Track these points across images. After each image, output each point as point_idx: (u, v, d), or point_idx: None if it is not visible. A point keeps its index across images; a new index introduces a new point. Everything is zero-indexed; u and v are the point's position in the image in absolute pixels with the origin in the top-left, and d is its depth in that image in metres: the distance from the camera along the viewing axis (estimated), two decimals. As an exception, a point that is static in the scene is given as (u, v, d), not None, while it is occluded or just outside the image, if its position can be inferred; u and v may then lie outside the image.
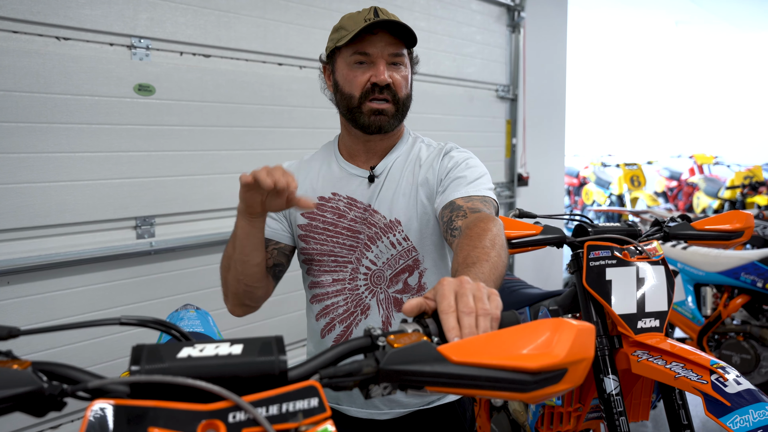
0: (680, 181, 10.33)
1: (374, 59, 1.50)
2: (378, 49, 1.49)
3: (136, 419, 0.71)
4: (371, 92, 1.51)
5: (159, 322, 0.95)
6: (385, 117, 1.53)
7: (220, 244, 2.83)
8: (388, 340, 0.88)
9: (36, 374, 0.77)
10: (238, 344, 0.81)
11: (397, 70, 1.53)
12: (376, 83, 1.50)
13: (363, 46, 1.49)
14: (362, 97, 1.52)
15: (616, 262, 1.90)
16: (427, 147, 1.67)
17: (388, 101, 1.52)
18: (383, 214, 1.58)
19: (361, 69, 1.51)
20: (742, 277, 3.30)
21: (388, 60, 1.51)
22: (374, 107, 1.52)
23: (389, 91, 1.51)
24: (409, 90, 1.58)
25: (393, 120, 1.55)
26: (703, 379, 1.62)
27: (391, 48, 1.50)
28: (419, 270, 1.60)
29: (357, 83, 1.51)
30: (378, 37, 1.48)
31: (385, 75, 1.49)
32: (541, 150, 5.15)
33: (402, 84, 1.53)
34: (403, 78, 1.53)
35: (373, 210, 1.59)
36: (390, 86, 1.51)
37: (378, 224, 1.58)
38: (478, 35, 4.36)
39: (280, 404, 0.75)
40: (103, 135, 2.42)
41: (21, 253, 2.24)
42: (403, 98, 1.55)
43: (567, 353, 0.82)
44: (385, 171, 1.62)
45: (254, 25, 2.90)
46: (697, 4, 9.30)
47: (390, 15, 1.50)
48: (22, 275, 2.25)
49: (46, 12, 2.23)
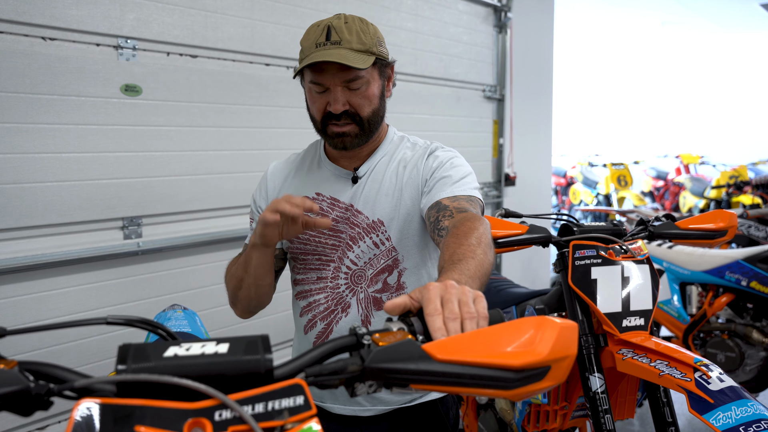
0: (667, 180, 10.40)
1: (329, 86, 1.48)
2: (330, 77, 1.46)
3: (123, 418, 0.71)
4: (329, 117, 1.51)
5: (146, 321, 0.95)
6: (349, 137, 1.53)
7: (207, 244, 2.84)
8: (373, 338, 0.89)
9: (22, 374, 0.77)
10: (224, 343, 0.82)
11: (356, 93, 1.50)
12: (332, 112, 1.50)
13: (316, 76, 1.48)
14: (323, 121, 1.53)
15: (601, 261, 1.92)
16: (412, 147, 1.68)
17: (349, 123, 1.52)
18: (366, 215, 1.60)
19: (319, 95, 1.51)
20: (726, 275, 3.33)
21: (343, 86, 1.48)
22: (336, 130, 1.52)
23: (347, 116, 1.51)
24: (376, 104, 1.55)
25: (357, 138, 1.55)
26: (687, 376, 1.64)
27: (344, 75, 1.46)
28: (398, 269, 1.62)
29: (316, 109, 1.53)
30: (330, 65, 1.44)
31: (338, 104, 1.47)
32: (528, 150, 5.17)
33: (363, 104, 1.51)
34: (363, 98, 1.51)
35: (355, 210, 1.61)
36: (348, 111, 1.50)
37: (361, 224, 1.60)
38: (465, 36, 4.38)
39: (266, 402, 0.76)
40: (90, 135, 2.41)
41: (7, 254, 2.23)
42: (367, 117, 1.53)
43: (550, 351, 0.84)
44: (368, 172, 1.64)
45: (241, 25, 2.90)
46: (683, 5, 9.38)
47: (343, 33, 1.45)
48: (9, 276, 2.24)
49: (31, 12, 2.22)
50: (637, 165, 10.59)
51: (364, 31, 1.48)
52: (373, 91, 1.53)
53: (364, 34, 1.48)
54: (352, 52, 1.44)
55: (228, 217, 2.94)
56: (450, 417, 1.76)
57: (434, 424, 1.72)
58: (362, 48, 1.46)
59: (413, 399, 1.67)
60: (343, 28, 1.45)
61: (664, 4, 9.42)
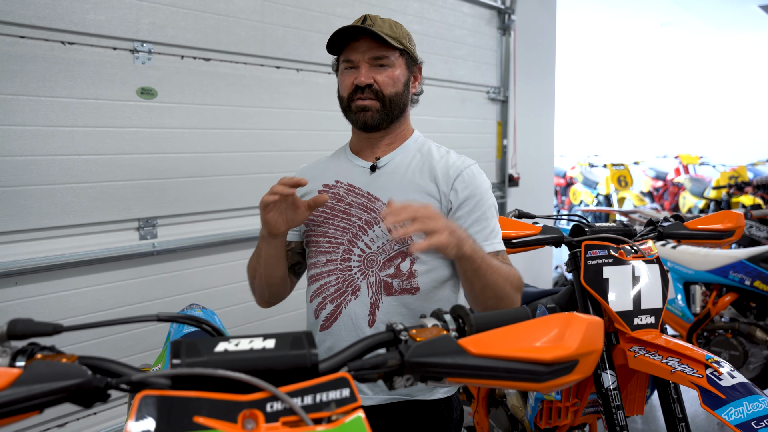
0: (666, 181, 10.45)
1: (358, 64, 1.64)
2: (359, 54, 1.63)
3: (182, 409, 0.75)
4: (355, 92, 1.64)
5: (193, 318, 1.00)
6: (370, 113, 1.65)
7: (220, 244, 2.88)
8: (410, 334, 0.93)
9: (83, 367, 0.81)
10: (270, 339, 0.86)
11: (382, 71, 1.64)
12: (358, 85, 1.63)
13: (348, 53, 1.65)
14: (349, 98, 1.66)
15: (612, 261, 1.96)
16: (437, 148, 1.75)
17: (372, 98, 1.64)
18: (384, 202, 1.66)
19: (349, 73, 1.66)
20: (730, 275, 3.38)
21: (371, 63, 1.63)
22: (359, 104, 1.65)
23: (371, 91, 1.63)
24: (400, 88, 1.67)
25: (378, 115, 1.65)
26: (699, 373, 1.69)
27: (373, 52, 1.62)
28: (412, 257, 1.66)
29: (345, 86, 1.67)
30: (360, 43, 1.62)
31: (364, 76, 1.62)
32: (531, 151, 5.21)
33: (387, 82, 1.64)
34: (388, 77, 1.64)
35: (373, 197, 1.67)
36: (372, 86, 1.63)
37: (378, 210, 1.66)
38: (469, 38, 4.42)
39: (314, 394, 0.80)
40: (107, 138, 2.45)
41: (28, 254, 2.27)
42: (389, 95, 1.65)
43: (578, 345, 0.88)
44: (389, 163, 1.72)
45: (252, 28, 2.94)
46: (682, 7, 9.42)
47: (377, 21, 1.62)
48: (29, 276, 2.28)
49: (52, 17, 2.26)
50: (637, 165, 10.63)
51: (396, 26, 1.66)
52: (398, 75, 1.66)
53: (396, 27, 1.65)
54: (384, 35, 1.59)
55: (240, 218, 2.98)
56: (454, 418, 1.76)
57: (437, 421, 1.73)
58: (392, 35, 1.62)
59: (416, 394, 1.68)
60: (378, 18, 1.63)
61: (663, 6, 9.47)
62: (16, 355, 0.85)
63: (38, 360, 0.81)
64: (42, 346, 0.88)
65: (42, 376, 0.78)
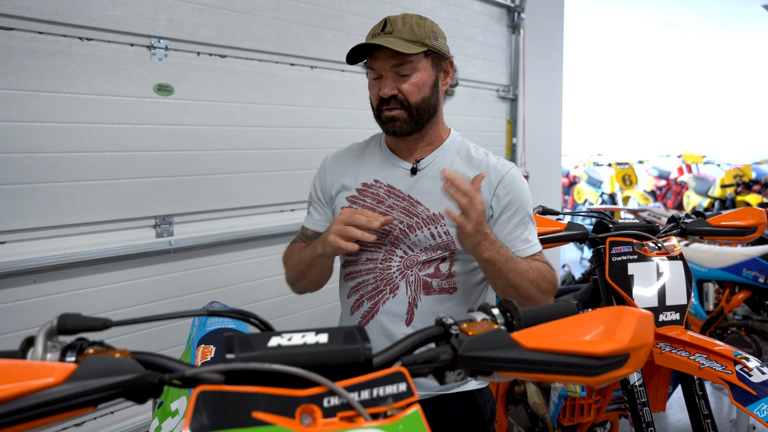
0: (669, 180, 10.45)
1: (381, 73, 1.60)
2: (381, 63, 1.59)
3: (240, 404, 0.74)
4: (382, 103, 1.62)
5: (241, 312, 0.98)
6: (398, 122, 1.62)
7: (236, 242, 2.87)
8: (461, 328, 0.92)
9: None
10: (323, 333, 0.85)
11: (406, 79, 1.59)
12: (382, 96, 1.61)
13: (371, 62, 1.62)
14: (378, 107, 1.65)
15: (637, 257, 1.96)
16: (475, 150, 1.74)
17: (399, 108, 1.61)
18: (426, 206, 1.64)
19: (375, 82, 1.64)
20: (743, 272, 3.37)
21: (394, 72, 1.59)
22: (387, 115, 1.63)
23: (397, 101, 1.60)
24: (427, 93, 1.62)
25: (407, 124, 1.63)
26: (728, 369, 1.68)
27: (394, 60, 1.57)
28: (452, 259, 1.67)
29: (373, 95, 1.66)
30: (381, 52, 1.57)
31: (387, 88, 1.59)
32: (540, 149, 5.20)
33: (411, 90, 1.60)
34: (412, 84, 1.59)
35: (415, 201, 1.66)
36: (397, 96, 1.60)
37: (420, 215, 1.64)
38: (480, 36, 4.41)
39: (371, 389, 0.79)
40: (125, 134, 2.44)
41: (46, 252, 2.26)
42: (416, 103, 1.61)
43: (631, 339, 0.87)
44: (429, 166, 1.69)
45: (268, 25, 2.93)
46: (686, 6, 9.42)
47: (398, 25, 1.57)
48: (48, 274, 2.27)
49: (70, 13, 2.25)
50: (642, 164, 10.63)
51: (419, 24, 1.58)
52: (423, 79, 1.61)
53: (418, 27, 1.57)
54: (401, 41, 1.54)
55: (256, 216, 2.97)
56: (487, 410, 1.78)
57: (471, 414, 1.75)
58: (412, 38, 1.55)
59: (451, 387, 1.70)
60: (399, 20, 1.57)
61: (667, 5, 9.47)
62: (66, 350, 0.84)
63: (92, 355, 0.80)
64: (91, 342, 0.87)
65: (97, 371, 0.77)
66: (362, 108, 3.41)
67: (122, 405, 2.50)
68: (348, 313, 1.75)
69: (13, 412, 0.70)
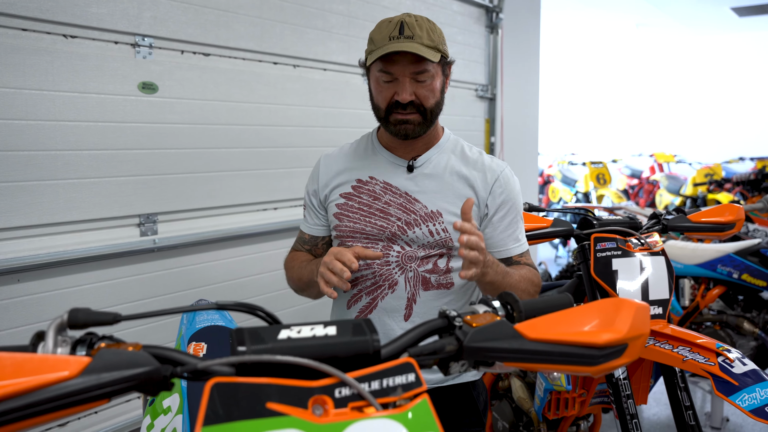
0: (641, 179, 10.59)
1: (398, 77, 1.57)
2: (401, 68, 1.56)
3: (254, 396, 0.75)
4: (395, 107, 1.60)
5: (250, 306, 1.00)
6: (411, 125, 1.62)
7: (221, 241, 2.86)
8: (465, 320, 0.94)
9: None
10: (331, 326, 0.87)
11: (422, 84, 1.58)
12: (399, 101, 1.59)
13: (387, 66, 1.57)
14: (387, 110, 1.62)
15: (621, 253, 2.00)
16: (469, 149, 1.77)
17: (414, 112, 1.60)
18: (424, 204, 1.67)
19: (387, 85, 1.60)
20: (718, 268, 3.45)
21: (411, 77, 1.57)
22: (399, 118, 1.61)
23: (413, 106, 1.59)
24: (438, 97, 1.64)
25: (419, 127, 1.63)
26: (711, 361, 1.73)
27: (414, 66, 1.55)
28: (449, 255, 1.70)
29: (383, 98, 1.62)
30: (402, 56, 1.55)
31: (407, 94, 1.57)
32: (517, 148, 5.26)
33: (427, 96, 1.60)
34: (428, 90, 1.60)
35: (412, 198, 1.68)
36: (413, 102, 1.59)
37: (418, 212, 1.67)
38: (459, 36, 4.45)
39: (381, 380, 0.81)
40: (109, 133, 2.43)
41: (30, 251, 2.24)
42: (430, 107, 1.62)
43: (629, 329, 0.90)
44: (426, 164, 1.71)
45: (251, 24, 2.93)
46: (657, 7, 9.57)
47: (415, 29, 1.54)
48: (32, 273, 2.25)
49: (54, 10, 2.23)
50: (615, 163, 10.76)
51: (433, 30, 1.58)
52: (437, 85, 1.62)
53: (433, 32, 1.57)
54: (423, 47, 1.53)
55: (240, 214, 2.97)
56: (480, 402, 1.82)
57: (466, 405, 1.79)
58: (431, 44, 1.55)
59: (446, 379, 1.73)
60: (415, 24, 1.55)
61: (639, 7, 9.60)
62: (76, 344, 0.84)
63: (105, 348, 0.80)
64: (101, 336, 0.87)
65: (111, 364, 0.77)
66: (345, 107, 3.42)
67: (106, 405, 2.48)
68: (344, 306, 1.77)
69: (28, 405, 0.71)
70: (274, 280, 3.09)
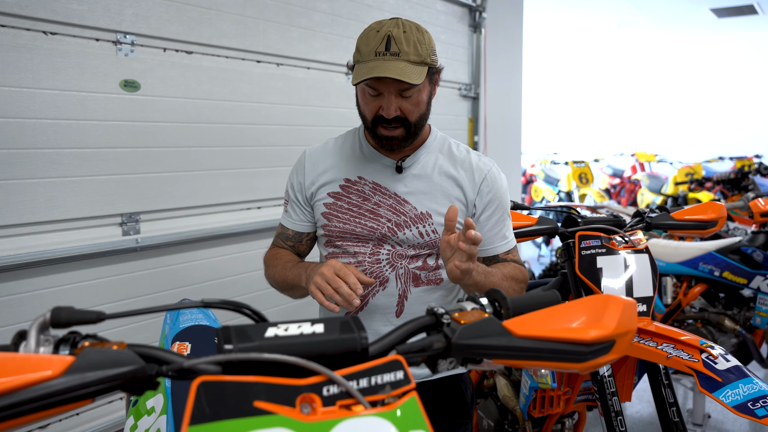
0: (623, 178, 10.67)
1: (383, 93, 1.56)
2: (386, 86, 1.54)
3: (241, 394, 0.74)
4: (381, 120, 1.59)
5: (236, 304, 0.98)
6: (396, 141, 1.62)
7: (204, 240, 2.84)
8: (453, 317, 0.94)
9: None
10: (318, 324, 0.86)
11: (407, 99, 1.57)
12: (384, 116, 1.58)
13: (372, 82, 1.54)
14: (374, 122, 1.61)
15: (605, 251, 2.01)
16: (456, 147, 1.78)
17: (399, 126, 1.60)
18: (414, 205, 1.67)
19: (373, 98, 1.59)
20: (700, 266, 3.48)
21: (396, 93, 1.55)
22: (384, 134, 1.61)
23: (397, 120, 1.58)
24: (424, 109, 1.63)
25: (404, 141, 1.64)
26: (694, 357, 1.74)
27: (399, 84, 1.53)
28: (438, 254, 1.71)
29: (369, 110, 1.61)
30: None
31: (391, 110, 1.56)
32: (501, 147, 5.28)
33: (412, 110, 1.59)
34: (413, 104, 1.58)
35: (402, 199, 1.67)
36: (398, 117, 1.58)
37: (408, 213, 1.67)
38: (442, 35, 4.45)
39: (369, 377, 0.80)
40: (90, 131, 2.40)
41: (10, 250, 2.21)
42: (414, 121, 1.61)
43: (617, 325, 0.91)
44: (415, 164, 1.71)
45: (234, 22, 2.91)
46: (638, 8, 9.65)
47: (402, 44, 1.50)
48: (12, 273, 2.22)
49: (34, 6, 2.20)
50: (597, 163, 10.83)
51: (420, 42, 1.53)
52: (423, 98, 1.61)
53: (421, 45, 1.53)
54: (410, 65, 1.50)
55: (223, 213, 2.95)
56: (468, 394, 1.84)
57: (453, 399, 1.80)
58: (418, 60, 1.52)
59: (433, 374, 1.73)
60: (402, 38, 1.51)
61: (620, 7, 9.68)
62: (59, 343, 0.83)
63: (89, 347, 0.79)
64: (84, 335, 0.86)
65: (96, 363, 0.76)
66: (328, 105, 3.41)
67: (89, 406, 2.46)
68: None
69: (11, 405, 0.70)
70: (258, 279, 3.07)
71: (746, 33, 11.65)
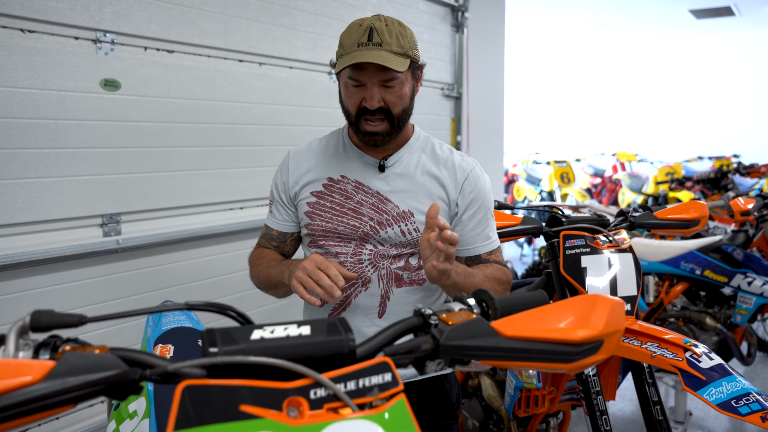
0: (604, 177, 10.74)
1: (366, 83, 1.56)
2: (369, 75, 1.55)
3: (227, 398, 0.73)
4: (364, 112, 1.59)
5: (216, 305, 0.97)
6: (380, 136, 1.62)
7: (185, 241, 2.81)
8: (440, 318, 0.93)
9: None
10: (305, 325, 0.85)
11: (390, 91, 1.57)
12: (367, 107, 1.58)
13: (356, 73, 1.55)
14: (357, 115, 1.61)
15: (589, 250, 2.01)
16: (440, 146, 1.77)
17: (383, 120, 1.60)
18: (396, 204, 1.66)
19: (356, 90, 1.59)
20: (681, 265, 3.50)
21: (379, 84, 1.56)
22: (368, 129, 1.61)
23: (381, 112, 1.58)
24: (407, 103, 1.63)
25: (388, 136, 1.63)
26: (678, 356, 1.75)
27: (382, 74, 1.54)
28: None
29: (352, 103, 1.61)
30: (370, 64, 1.52)
31: (374, 101, 1.56)
32: (483, 147, 5.29)
33: (395, 102, 1.59)
34: (396, 96, 1.58)
35: (384, 198, 1.67)
36: (381, 108, 1.58)
37: (390, 212, 1.66)
38: (425, 35, 4.45)
39: (357, 380, 0.79)
40: (70, 131, 2.36)
41: (-12, 252, 2.17)
42: (398, 114, 1.61)
43: (605, 325, 0.90)
44: (396, 163, 1.70)
45: (216, 21, 2.88)
46: (618, 9, 9.72)
47: (384, 35, 1.52)
48: (-10, 275, 2.18)
49: (10, 3, 2.16)
50: (579, 162, 10.90)
51: (403, 35, 1.55)
52: (406, 91, 1.61)
53: (403, 38, 1.55)
54: (392, 55, 1.51)
55: (205, 214, 2.92)
56: (453, 395, 1.83)
57: (439, 399, 1.80)
58: (400, 51, 1.53)
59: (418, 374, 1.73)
60: (384, 30, 1.53)
61: (600, 8, 9.75)
62: (39, 348, 0.81)
63: (70, 351, 0.77)
64: (65, 339, 0.84)
65: (77, 368, 0.74)
66: (311, 105, 3.39)
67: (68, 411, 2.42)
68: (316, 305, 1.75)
69: (-12, 412, 0.68)
70: (241, 280, 3.05)
71: (724, 34, 11.80)
